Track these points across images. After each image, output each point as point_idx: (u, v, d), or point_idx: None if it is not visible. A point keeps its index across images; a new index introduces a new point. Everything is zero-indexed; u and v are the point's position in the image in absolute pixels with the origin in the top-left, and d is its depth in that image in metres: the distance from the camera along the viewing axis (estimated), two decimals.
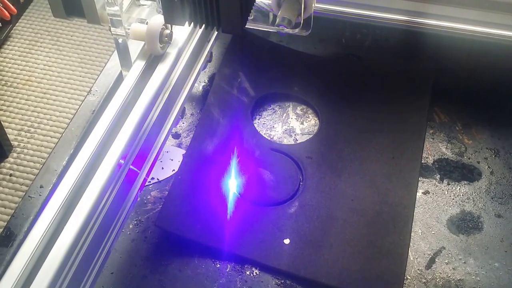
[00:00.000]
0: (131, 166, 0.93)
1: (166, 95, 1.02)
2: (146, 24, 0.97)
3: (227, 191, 1.24)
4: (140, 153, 0.95)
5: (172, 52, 1.04)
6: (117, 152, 0.88)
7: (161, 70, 1.01)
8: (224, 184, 1.25)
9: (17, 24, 1.60)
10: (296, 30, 1.14)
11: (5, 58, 1.52)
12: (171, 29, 1.01)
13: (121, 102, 0.94)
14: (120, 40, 1.00)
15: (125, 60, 1.04)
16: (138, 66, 1.01)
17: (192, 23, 0.88)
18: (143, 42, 1.01)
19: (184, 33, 1.07)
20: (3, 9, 1.48)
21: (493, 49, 1.29)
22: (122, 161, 0.88)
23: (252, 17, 1.16)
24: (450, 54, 1.48)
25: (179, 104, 1.10)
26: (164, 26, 0.98)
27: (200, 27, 0.89)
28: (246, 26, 0.90)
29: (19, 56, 1.52)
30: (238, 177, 1.27)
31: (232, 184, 1.26)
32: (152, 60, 1.02)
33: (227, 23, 0.86)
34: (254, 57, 1.52)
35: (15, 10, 1.52)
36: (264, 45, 1.55)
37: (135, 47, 1.03)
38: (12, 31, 1.57)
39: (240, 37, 1.53)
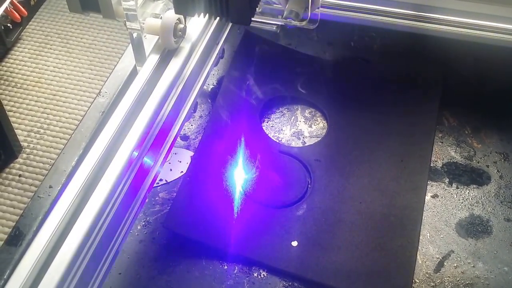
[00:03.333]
0: (144, 158, 0.93)
1: (180, 88, 1.02)
2: (161, 18, 0.98)
3: (235, 193, 1.24)
4: (151, 148, 0.95)
5: (185, 46, 1.04)
6: (127, 150, 0.88)
7: (175, 63, 1.01)
8: (232, 186, 1.26)
9: (27, 26, 1.60)
10: (303, 23, 1.15)
11: (15, 60, 1.52)
12: (185, 23, 1.02)
13: (135, 95, 0.95)
14: (134, 35, 1.01)
15: (140, 55, 1.05)
16: (152, 60, 1.01)
17: (202, 14, 0.89)
18: (157, 37, 1.02)
19: (197, 28, 1.08)
20: (14, 11, 1.49)
21: (503, 52, 1.29)
22: (135, 153, 0.88)
23: (260, 9, 1.17)
24: (459, 58, 1.48)
25: (192, 97, 1.11)
26: (178, 21, 0.99)
27: (210, 18, 0.90)
28: (254, 19, 0.91)
29: (29, 58, 1.53)
30: (246, 179, 1.27)
31: (240, 186, 1.26)
32: (166, 54, 1.03)
33: (235, 13, 0.87)
34: (263, 60, 1.52)
35: (26, 12, 1.53)
36: (273, 48, 1.56)
37: (149, 42, 1.04)
38: (22, 33, 1.58)
39: (248, 34, 1.54)
